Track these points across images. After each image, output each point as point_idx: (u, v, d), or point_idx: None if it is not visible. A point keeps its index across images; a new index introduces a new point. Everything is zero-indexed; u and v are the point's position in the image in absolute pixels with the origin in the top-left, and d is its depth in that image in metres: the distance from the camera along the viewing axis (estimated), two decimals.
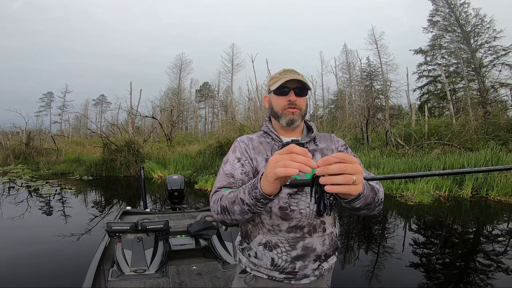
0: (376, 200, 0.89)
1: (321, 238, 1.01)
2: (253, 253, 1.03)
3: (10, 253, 3.83)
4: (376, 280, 3.22)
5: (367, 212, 0.91)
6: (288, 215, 0.98)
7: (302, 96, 1.06)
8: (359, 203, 0.82)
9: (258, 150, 1.06)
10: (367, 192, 0.82)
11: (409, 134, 12.92)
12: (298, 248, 0.98)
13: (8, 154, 15.79)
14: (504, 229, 5.16)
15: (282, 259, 0.98)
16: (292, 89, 1.04)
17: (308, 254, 0.99)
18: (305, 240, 0.99)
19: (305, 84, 1.03)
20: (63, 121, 42.12)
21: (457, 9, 21.70)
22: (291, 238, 0.98)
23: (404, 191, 7.26)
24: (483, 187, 7.04)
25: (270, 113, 1.12)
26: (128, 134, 16.67)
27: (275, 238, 0.99)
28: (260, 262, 1.02)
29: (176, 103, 28.68)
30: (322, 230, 1.01)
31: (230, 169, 1.01)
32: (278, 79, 1.04)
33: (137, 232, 2.63)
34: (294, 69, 1.08)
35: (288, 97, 1.04)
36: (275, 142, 1.07)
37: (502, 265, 3.50)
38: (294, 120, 1.05)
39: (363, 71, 28.82)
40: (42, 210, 6.40)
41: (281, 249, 0.98)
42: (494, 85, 19.30)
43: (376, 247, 4.29)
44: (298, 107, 1.05)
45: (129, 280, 2.29)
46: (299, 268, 0.99)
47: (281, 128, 1.10)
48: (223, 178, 1.00)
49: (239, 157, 1.04)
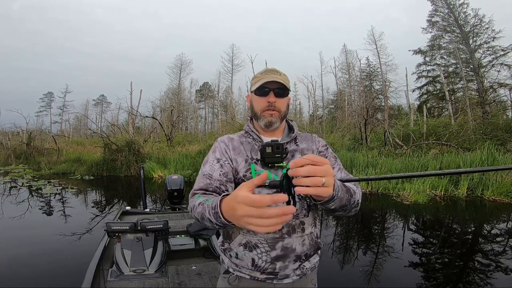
0: (352, 202, 0.90)
1: (301, 239, 1.01)
2: (234, 253, 1.03)
3: (11, 252, 3.84)
4: (375, 280, 3.24)
5: (343, 213, 0.92)
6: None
7: (283, 97, 1.05)
8: (333, 205, 0.82)
9: (239, 151, 1.05)
10: (341, 194, 0.82)
11: (408, 134, 12.98)
12: (278, 249, 0.98)
13: (9, 154, 15.82)
14: (502, 228, 5.20)
15: (262, 259, 0.98)
16: (272, 90, 1.03)
17: (287, 254, 0.99)
18: (284, 240, 0.98)
19: (285, 85, 1.03)
20: (63, 121, 42.16)
21: (456, 9, 21.73)
22: (270, 238, 0.98)
23: (401, 191, 7.33)
24: (479, 187, 7.10)
25: (251, 113, 1.12)
26: (128, 134, 16.75)
27: (254, 239, 0.99)
28: (242, 262, 1.02)
29: (176, 103, 28.75)
30: (301, 230, 1.01)
31: (209, 170, 1.01)
32: (259, 79, 1.03)
33: (136, 232, 2.61)
34: (276, 69, 1.07)
35: (268, 98, 1.03)
36: (255, 142, 1.07)
37: (501, 265, 3.51)
38: (272, 122, 1.04)
39: (362, 72, 28.86)
40: (43, 210, 6.44)
41: (261, 249, 0.98)
42: (493, 86, 19.32)
43: (375, 247, 4.32)
44: (277, 109, 1.04)
45: (129, 280, 2.29)
46: (279, 268, 0.99)
47: (261, 128, 1.09)
48: (201, 179, 1.00)
49: (218, 157, 1.04)
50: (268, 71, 1.04)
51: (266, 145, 0.69)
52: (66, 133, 28.81)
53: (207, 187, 0.98)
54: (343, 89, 29.58)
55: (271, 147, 0.72)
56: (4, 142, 17.81)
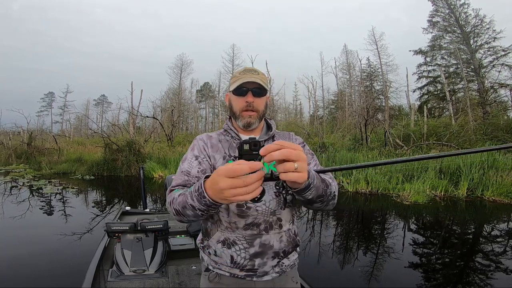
0: (328, 193, 0.90)
1: (278, 235, 1.02)
2: (212, 250, 1.04)
3: (11, 252, 3.85)
4: (376, 280, 3.24)
5: (321, 205, 0.92)
6: (245, 212, 0.99)
7: (261, 97, 1.05)
8: (310, 194, 0.82)
9: (217, 148, 1.06)
10: (317, 183, 0.83)
11: (408, 135, 12.99)
12: (256, 245, 0.99)
13: (10, 154, 15.85)
14: (502, 229, 5.21)
15: (241, 256, 0.99)
16: (251, 89, 1.03)
17: (265, 251, 1.00)
18: (262, 237, 1.00)
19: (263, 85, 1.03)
20: (64, 121, 42.25)
21: (457, 9, 21.73)
22: (248, 235, 0.99)
23: (401, 191, 7.34)
24: (479, 187, 7.11)
25: (230, 112, 1.12)
26: (129, 134, 16.78)
27: (232, 236, 1.00)
28: (221, 259, 1.02)
29: (176, 103, 28.79)
30: (278, 227, 1.02)
31: (187, 167, 1.01)
32: (237, 79, 1.04)
33: (136, 232, 2.60)
34: (255, 69, 1.07)
35: (246, 98, 1.03)
36: (233, 140, 1.08)
37: (501, 265, 3.52)
38: (251, 123, 1.05)
39: (363, 72, 28.86)
40: (43, 210, 6.46)
41: (239, 246, 1.00)
42: (494, 86, 19.32)
43: (375, 247, 4.32)
44: (255, 108, 1.04)
45: (129, 280, 2.29)
46: (258, 265, 1.00)
47: (240, 127, 1.09)
48: (179, 177, 1.01)
49: (197, 155, 1.04)
50: (246, 71, 1.05)
51: (244, 143, 0.70)
52: (67, 133, 28.85)
53: (185, 184, 0.98)
54: (344, 89, 29.58)
55: (249, 144, 0.73)
56: (5, 142, 17.84)
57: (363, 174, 8.15)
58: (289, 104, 34.89)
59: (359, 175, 8.14)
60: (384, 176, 7.99)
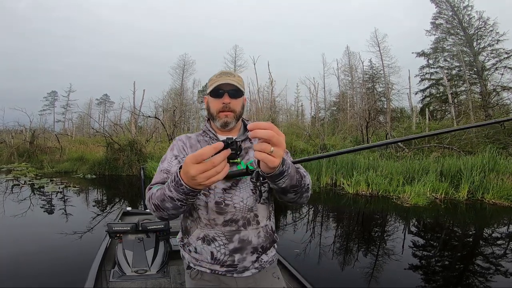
0: (302, 184, 0.93)
1: (256, 231, 1.05)
2: (193, 248, 1.07)
3: (12, 251, 3.86)
4: (376, 281, 3.25)
5: (295, 197, 0.94)
6: (223, 209, 1.02)
7: (237, 98, 1.09)
8: (284, 182, 0.84)
9: (195, 148, 1.09)
10: (292, 172, 0.85)
11: None
12: (235, 241, 1.03)
13: (12, 152, 15.92)
14: (503, 232, 5.21)
15: (221, 252, 1.03)
16: (227, 91, 1.07)
17: (244, 246, 1.03)
18: (241, 233, 1.03)
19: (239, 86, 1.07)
20: (66, 120, 42.43)
21: (460, 11, 21.70)
22: (227, 231, 1.03)
23: (401, 193, 7.34)
24: (479, 190, 7.10)
25: (208, 114, 1.16)
26: (131, 133, 16.84)
27: (212, 232, 1.03)
28: (201, 256, 1.05)
29: (178, 103, 28.88)
30: (256, 223, 1.06)
31: (167, 166, 1.04)
32: (214, 82, 1.07)
33: (137, 232, 2.61)
34: (231, 72, 1.12)
35: (223, 99, 1.07)
36: (211, 141, 1.12)
37: (501, 268, 3.52)
38: (228, 123, 1.08)
39: (365, 74, 28.84)
40: (45, 208, 6.49)
41: (219, 242, 1.03)
42: (496, 89, 19.27)
43: (375, 248, 4.33)
44: (232, 109, 1.08)
45: (131, 280, 2.29)
46: (238, 260, 1.03)
47: (218, 128, 1.13)
48: (158, 175, 1.04)
49: (176, 154, 1.07)
50: (222, 74, 1.09)
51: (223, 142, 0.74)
52: (69, 132, 28.97)
53: (164, 181, 1.00)
54: (346, 91, 29.55)
55: (226, 144, 0.76)
56: (7, 140, 17.93)
57: (364, 176, 8.15)
58: (290, 105, 34.85)
59: (359, 177, 8.14)
60: (384, 178, 7.99)
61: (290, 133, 16.95)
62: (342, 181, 8.51)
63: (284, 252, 3.75)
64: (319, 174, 9.25)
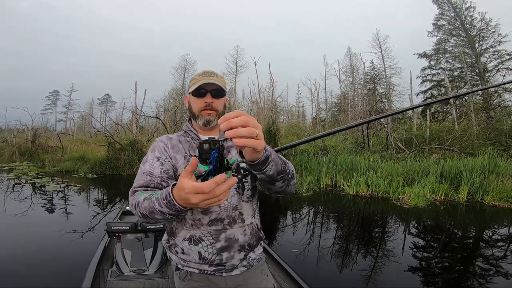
0: (287, 170, 0.93)
1: (242, 229, 1.06)
2: (179, 249, 1.07)
3: (12, 249, 3.87)
4: (374, 283, 3.25)
5: (283, 185, 0.94)
6: (208, 209, 1.02)
7: (219, 98, 1.10)
8: (270, 169, 0.83)
9: (177, 149, 1.09)
10: (275, 157, 0.85)
11: (410, 139, 12.94)
12: (222, 240, 1.03)
13: (14, 151, 16.00)
14: (502, 233, 5.21)
15: (208, 251, 1.03)
16: (209, 91, 1.07)
17: (231, 244, 1.04)
18: (227, 231, 1.04)
19: (221, 86, 1.08)
20: (68, 119, 42.56)
21: (462, 13, 21.66)
22: (213, 230, 1.03)
23: (401, 195, 7.34)
24: (479, 191, 7.09)
25: (189, 113, 1.16)
26: (132, 133, 16.89)
27: (198, 232, 1.03)
28: (189, 257, 1.05)
29: (179, 103, 28.91)
30: (241, 221, 1.07)
31: (149, 168, 1.03)
32: (196, 81, 1.08)
33: (136, 232, 2.62)
34: (214, 71, 1.12)
35: (205, 99, 1.08)
36: (193, 141, 1.12)
37: (501, 270, 3.51)
38: (210, 121, 1.09)
39: (366, 75, 28.83)
40: (45, 207, 6.52)
41: (206, 242, 1.03)
42: (498, 90, 19.22)
43: (374, 250, 4.33)
44: (214, 108, 1.09)
45: (129, 280, 2.29)
46: (226, 259, 1.04)
47: (200, 128, 1.13)
48: (141, 177, 1.02)
49: (158, 156, 1.06)
50: (205, 74, 1.09)
51: (204, 142, 0.74)
52: (71, 132, 29.07)
53: (148, 184, 1.00)
54: (347, 92, 29.52)
55: (208, 143, 0.76)
56: (9, 139, 18.02)
57: (364, 177, 8.15)
58: (291, 106, 34.87)
59: (359, 178, 8.15)
60: (384, 179, 7.99)
61: (291, 133, 16.94)
62: (342, 182, 8.51)
63: (282, 252, 3.77)
64: (319, 175, 9.25)
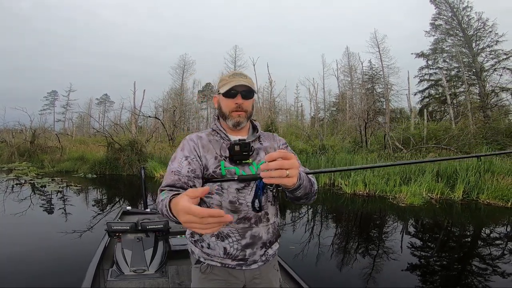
0: (312, 191, 1.04)
1: (266, 227, 1.14)
2: (205, 244, 1.12)
3: (12, 249, 3.88)
4: (373, 281, 3.29)
5: (305, 201, 1.06)
6: (237, 208, 1.09)
7: (249, 99, 1.14)
8: (300, 193, 0.96)
9: (208, 148, 1.12)
10: (306, 183, 0.97)
11: (408, 138, 13.05)
12: (247, 237, 1.10)
13: (13, 152, 15.96)
14: (498, 231, 5.27)
15: (234, 247, 1.10)
16: (240, 92, 1.12)
17: (255, 242, 1.11)
18: (253, 229, 1.10)
19: (251, 87, 1.13)
20: (66, 119, 42.51)
21: (459, 12, 21.77)
22: (240, 228, 1.09)
23: (397, 193, 7.43)
24: (474, 190, 7.19)
25: (219, 113, 1.19)
26: (131, 133, 16.93)
27: (226, 229, 1.09)
28: (213, 252, 1.11)
29: (178, 103, 28.93)
30: (266, 220, 1.14)
31: (177, 167, 1.07)
32: (227, 82, 1.12)
33: (137, 232, 2.60)
34: (243, 73, 1.17)
35: (236, 99, 1.12)
36: (223, 141, 1.15)
37: (497, 269, 3.54)
38: (240, 122, 1.14)
39: (364, 74, 28.93)
40: (46, 208, 6.54)
41: (232, 238, 1.09)
42: (495, 90, 19.35)
43: (372, 248, 4.38)
44: (244, 109, 1.13)
45: (129, 280, 2.29)
46: (249, 255, 1.11)
47: (229, 128, 1.17)
48: (169, 176, 1.06)
49: (187, 155, 1.09)
50: (235, 75, 1.14)
51: (235, 144, 0.79)
52: (69, 132, 29.04)
53: (174, 183, 1.03)
54: (345, 91, 29.63)
55: (239, 145, 0.82)
56: (8, 140, 18.00)
57: (361, 176, 8.23)
58: (290, 106, 34.96)
59: (357, 177, 8.23)
60: (381, 178, 8.08)
61: (289, 133, 17.03)
62: (340, 181, 8.59)
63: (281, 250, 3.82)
64: (318, 174, 9.31)
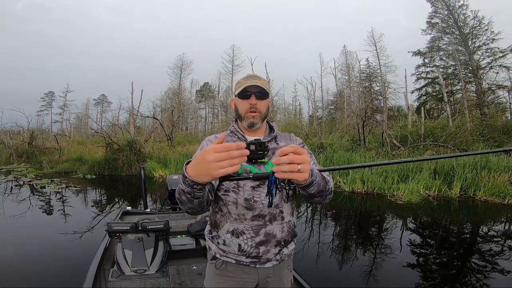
0: (327, 188, 1.04)
1: (280, 226, 1.15)
2: (221, 240, 1.15)
3: (12, 251, 3.89)
4: (373, 278, 3.32)
5: (320, 199, 1.05)
6: (252, 206, 1.11)
7: (263, 99, 1.17)
8: (313, 189, 0.95)
9: None
10: (319, 180, 0.96)
11: (405, 136, 13.13)
12: (261, 235, 1.12)
13: (11, 153, 15.92)
14: (496, 229, 5.34)
15: (248, 244, 1.12)
16: (254, 93, 1.15)
17: (269, 239, 1.13)
18: (267, 227, 1.12)
19: (264, 88, 1.16)
20: (64, 120, 42.32)
21: (455, 11, 21.81)
22: (255, 225, 1.12)
23: (395, 191, 7.50)
24: (471, 187, 7.26)
25: (235, 115, 1.24)
26: (129, 134, 16.92)
27: (241, 226, 1.12)
28: (229, 248, 1.14)
29: (176, 103, 28.89)
30: (281, 218, 1.15)
31: None
32: (241, 84, 1.16)
33: (137, 232, 2.62)
34: (257, 75, 1.21)
35: (250, 100, 1.15)
36: (240, 141, 1.17)
37: (497, 266, 3.57)
38: (254, 123, 1.17)
39: (362, 73, 29.01)
40: (46, 209, 6.55)
41: (247, 235, 1.12)
42: (492, 87, 19.45)
43: (371, 246, 4.42)
44: (258, 110, 1.16)
45: (130, 280, 2.30)
46: (262, 252, 1.13)
47: (245, 129, 1.21)
48: None
49: None
50: (249, 77, 1.18)
51: (250, 143, 0.83)
52: (67, 133, 28.97)
53: None
54: (343, 90, 29.69)
55: (255, 145, 0.85)
56: (6, 141, 17.93)
57: (359, 174, 8.29)
58: (288, 105, 35.02)
59: (355, 175, 8.29)
60: (379, 176, 8.14)
61: (287, 132, 16.97)
62: (338, 179, 8.64)
63: None
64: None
